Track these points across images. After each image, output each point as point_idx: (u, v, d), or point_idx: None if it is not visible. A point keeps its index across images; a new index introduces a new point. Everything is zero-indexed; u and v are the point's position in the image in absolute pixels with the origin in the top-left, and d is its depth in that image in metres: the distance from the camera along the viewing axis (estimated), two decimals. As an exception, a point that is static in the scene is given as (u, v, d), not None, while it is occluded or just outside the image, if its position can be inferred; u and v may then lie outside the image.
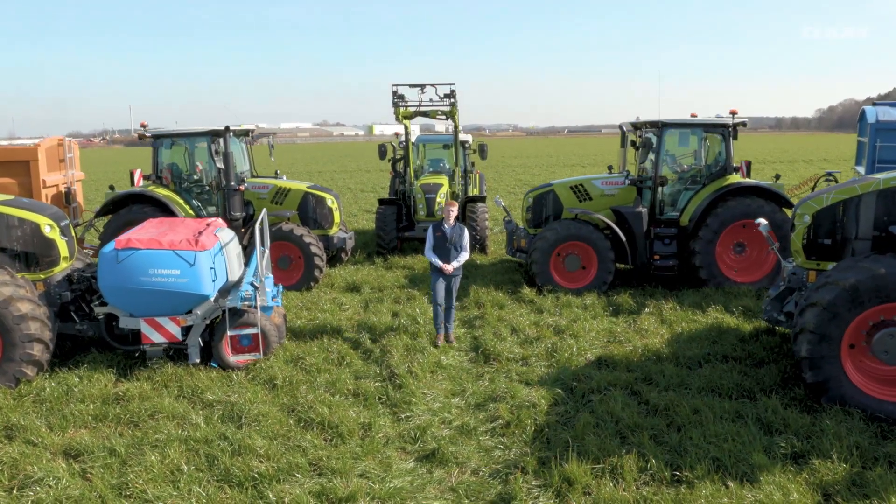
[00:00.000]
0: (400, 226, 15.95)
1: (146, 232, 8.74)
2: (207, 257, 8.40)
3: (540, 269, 12.31)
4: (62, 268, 8.91)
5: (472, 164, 18.97)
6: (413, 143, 17.44)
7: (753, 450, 6.12)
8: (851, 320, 6.86)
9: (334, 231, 13.93)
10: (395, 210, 15.89)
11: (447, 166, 18.52)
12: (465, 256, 9.57)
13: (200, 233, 8.75)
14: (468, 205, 16.07)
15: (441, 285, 9.49)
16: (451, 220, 9.54)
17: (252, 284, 8.65)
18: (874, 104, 12.09)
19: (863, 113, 12.41)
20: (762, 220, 8.93)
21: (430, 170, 18.49)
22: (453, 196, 16.32)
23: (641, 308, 11.05)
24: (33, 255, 8.66)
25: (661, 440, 6.51)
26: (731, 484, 5.64)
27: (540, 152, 75.21)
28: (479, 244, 15.65)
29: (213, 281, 8.48)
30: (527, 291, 12.05)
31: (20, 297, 7.94)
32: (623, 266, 13.12)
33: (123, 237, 8.40)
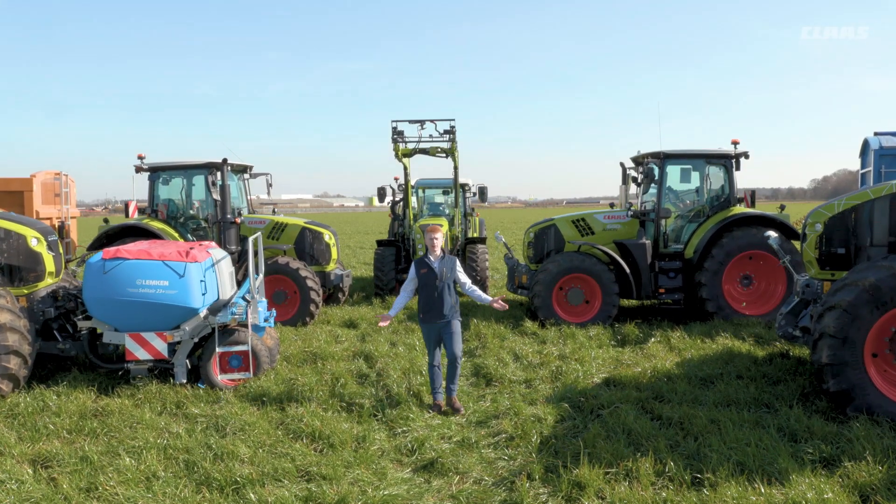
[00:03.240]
0: (398, 267, 15.68)
1: (137, 246, 8.46)
2: (198, 269, 8.09)
3: (542, 302, 11.94)
4: (47, 283, 8.57)
5: (473, 209, 18.88)
6: (412, 187, 17.38)
7: (779, 455, 5.65)
8: (873, 322, 6.49)
9: (332, 267, 13.64)
10: (393, 251, 15.66)
11: (447, 211, 18.41)
12: (476, 289, 7.69)
13: (192, 248, 8.47)
14: (468, 246, 15.84)
15: (434, 339, 7.49)
16: (438, 251, 7.46)
17: (244, 298, 8.30)
18: (876, 134, 12.08)
19: (865, 143, 12.37)
20: (771, 233, 8.67)
21: (430, 213, 18.36)
22: (453, 239, 16.06)
23: (648, 337, 10.64)
24: (18, 268, 8.34)
25: (677, 449, 6.04)
26: (759, 485, 5.16)
27: (539, 218, 75.56)
28: (479, 286, 15.33)
29: (203, 294, 8.14)
30: (529, 325, 11.65)
31: (-1, 306, 7.58)
32: (626, 302, 12.76)
33: (112, 248, 8.12)
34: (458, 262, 7.62)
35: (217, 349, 8.18)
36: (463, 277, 7.61)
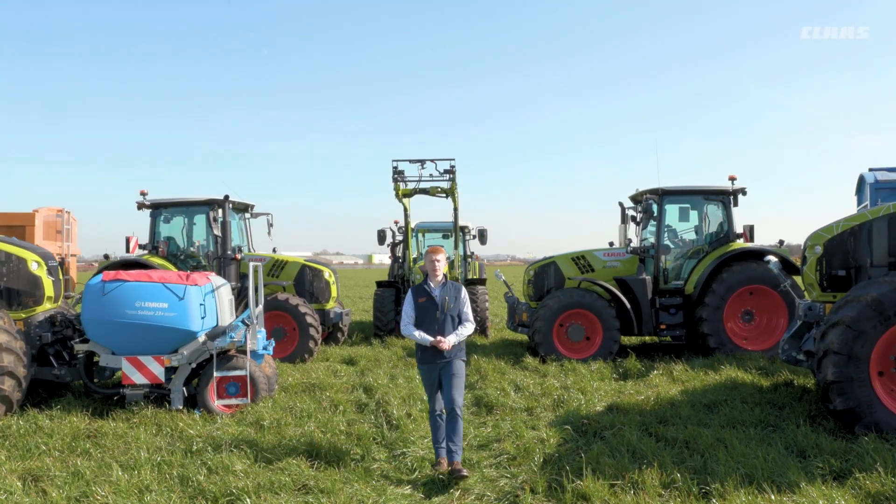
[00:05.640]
0: (398, 308, 15.60)
1: (137, 271, 8.45)
2: (197, 293, 8.07)
3: (543, 338, 11.85)
4: (45, 308, 8.53)
5: (472, 253, 18.92)
6: (412, 230, 17.45)
7: (787, 469, 5.52)
8: (878, 338, 6.45)
9: (331, 305, 13.57)
10: (393, 293, 15.62)
11: (446, 254, 18.44)
12: (469, 328, 6.21)
13: (192, 273, 8.46)
14: (468, 287, 15.80)
15: (435, 382, 6.14)
16: (440, 277, 6.26)
17: (244, 322, 8.23)
18: (870, 170, 12.25)
19: (861, 179, 12.53)
20: (771, 258, 8.68)
21: (430, 256, 18.39)
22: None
23: (650, 370, 10.52)
24: (17, 291, 8.31)
25: (683, 464, 5.90)
26: (769, 493, 5.02)
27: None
28: (479, 326, 15.22)
29: (203, 318, 8.08)
30: (530, 360, 11.53)
31: (-4, 327, 7.51)
32: (627, 340, 12.64)
33: (113, 271, 8.11)
34: (464, 292, 6.35)
35: (215, 373, 8.08)
36: (467, 311, 6.29)
